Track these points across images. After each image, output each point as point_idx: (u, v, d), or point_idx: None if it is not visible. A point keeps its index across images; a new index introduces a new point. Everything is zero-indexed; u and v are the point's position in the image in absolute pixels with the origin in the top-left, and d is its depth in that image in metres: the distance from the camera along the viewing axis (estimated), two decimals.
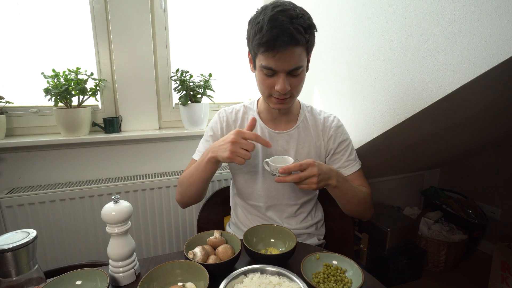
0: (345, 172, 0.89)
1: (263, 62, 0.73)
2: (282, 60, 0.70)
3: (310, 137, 0.91)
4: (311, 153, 0.90)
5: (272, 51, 0.69)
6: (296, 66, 0.72)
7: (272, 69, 0.73)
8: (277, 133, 0.90)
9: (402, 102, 1.00)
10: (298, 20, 0.68)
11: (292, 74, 0.74)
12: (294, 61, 0.71)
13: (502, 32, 0.70)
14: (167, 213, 1.32)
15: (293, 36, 0.66)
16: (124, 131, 1.31)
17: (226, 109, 0.96)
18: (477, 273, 1.74)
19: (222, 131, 0.91)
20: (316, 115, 0.94)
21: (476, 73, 0.77)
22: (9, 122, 1.15)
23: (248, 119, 0.92)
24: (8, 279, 0.46)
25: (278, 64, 0.71)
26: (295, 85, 0.77)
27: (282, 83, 0.73)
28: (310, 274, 0.61)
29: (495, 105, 1.12)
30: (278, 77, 0.74)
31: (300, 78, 0.77)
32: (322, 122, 0.93)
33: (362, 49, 1.11)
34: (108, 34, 1.23)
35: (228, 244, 0.67)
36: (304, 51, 0.73)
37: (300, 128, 0.91)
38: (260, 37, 0.68)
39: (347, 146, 0.92)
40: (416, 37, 0.91)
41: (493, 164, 1.91)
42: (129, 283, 0.61)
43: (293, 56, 0.70)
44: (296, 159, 0.87)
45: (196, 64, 1.44)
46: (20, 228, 0.76)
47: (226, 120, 0.92)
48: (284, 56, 0.70)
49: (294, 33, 0.66)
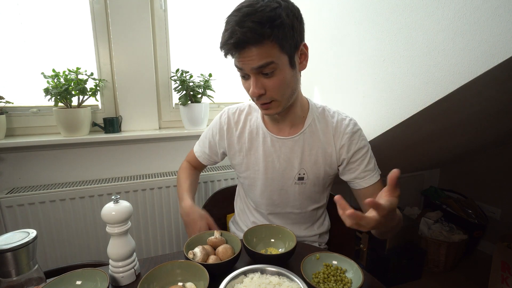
0: (361, 183, 0.79)
1: (234, 63, 0.69)
2: (242, 60, 0.65)
3: (319, 144, 0.81)
4: (319, 162, 0.81)
5: (231, 53, 0.66)
6: (261, 64, 0.64)
7: (239, 67, 0.68)
8: (280, 139, 0.81)
9: (402, 102, 1.00)
10: (252, 16, 0.61)
11: (264, 73, 0.66)
12: (257, 59, 0.63)
13: (502, 32, 0.70)
14: (167, 213, 1.32)
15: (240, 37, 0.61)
16: (124, 131, 1.31)
17: (230, 108, 0.90)
18: (477, 273, 1.74)
19: (222, 134, 0.89)
20: (328, 117, 0.82)
21: (476, 73, 0.77)
22: (9, 122, 1.15)
23: (251, 121, 0.86)
24: (8, 279, 0.46)
25: (241, 64, 0.66)
26: (271, 87, 0.67)
27: (252, 86, 0.67)
28: (310, 274, 0.61)
29: (495, 105, 1.12)
30: (250, 79, 0.68)
31: (276, 78, 0.66)
32: (335, 126, 0.81)
33: (362, 49, 1.11)
34: (108, 34, 1.23)
35: (228, 244, 0.67)
36: (274, 46, 0.63)
37: (306, 133, 0.81)
38: (221, 40, 0.66)
39: (364, 154, 0.80)
40: (416, 37, 0.91)
41: (493, 164, 1.91)
42: (129, 283, 0.61)
43: (254, 54, 0.63)
44: (302, 167, 0.81)
45: (196, 64, 1.44)
46: (20, 228, 0.76)
47: (227, 123, 0.88)
48: (243, 56, 0.64)
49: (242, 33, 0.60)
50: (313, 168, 0.81)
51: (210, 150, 0.94)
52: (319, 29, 1.31)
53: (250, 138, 0.85)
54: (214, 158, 0.96)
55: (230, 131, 0.87)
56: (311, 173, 0.82)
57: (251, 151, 0.85)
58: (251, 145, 0.85)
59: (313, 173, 0.82)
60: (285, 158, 0.82)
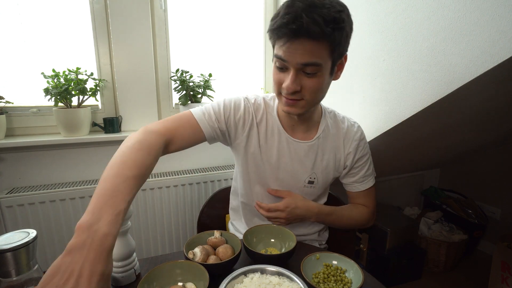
0: (359, 187, 0.86)
1: (276, 52, 0.65)
2: (291, 51, 0.61)
3: (330, 149, 0.83)
4: (329, 166, 0.83)
5: (281, 39, 0.61)
6: (308, 61, 0.62)
7: (282, 59, 0.64)
8: (296, 141, 0.80)
9: (402, 102, 1.00)
10: (319, 10, 0.58)
11: (305, 72, 0.64)
12: (307, 56, 0.61)
13: (502, 32, 0.70)
14: (167, 213, 1.32)
15: (304, 25, 0.57)
16: (124, 131, 1.31)
17: (249, 99, 0.82)
18: (477, 273, 1.74)
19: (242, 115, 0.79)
20: (339, 123, 0.84)
21: (476, 73, 0.77)
22: (9, 122, 1.15)
23: (267, 121, 0.80)
24: (8, 279, 0.46)
25: (287, 55, 0.62)
26: (308, 87, 0.66)
27: (290, 79, 0.64)
28: (310, 274, 0.61)
29: (495, 105, 1.12)
30: (288, 73, 0.65)
31: (316, 80, 0.65)
32: (345, 132, 0.83)
33: (362, 49, 1.11)
34: (108, 34, 1.23)
35: (228, 244, 0.67)
36: (326, 48, 0.62)
37: (321, 139, 0.81)
38: (273, 23, 0.62)
39: (365, 161, 0.85)
40: (416, 37, 0.91)
41: (493, 164, 1.91)
42: (129, 283, 0.61)
43: (306, 49, 0.60)
44: (313, 172, 0.82)
45: (196, 64, 1.44)
46: (20, 228, 0.76)
47: (252, 111, 0.80)
48: (294, 47, 0.61)
49: (307, 22, 0.57)
50: (323, 172, 0.83)
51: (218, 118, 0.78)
52: None
53: (265, 132, 0.81)
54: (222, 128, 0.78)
55: (250, 118, 0.80)
56: (321, 177, 0.84)
57: (266, 144, 0.81)
58: (266, 139, 0.81)
59: (322, 178, 0.84)
60: (298, 161, 0.81)
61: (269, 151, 0.81)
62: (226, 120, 0.78)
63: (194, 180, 1.35)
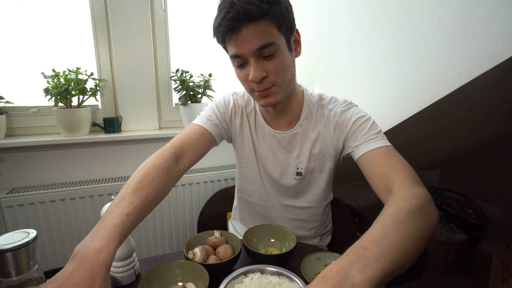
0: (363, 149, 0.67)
1: (230, 52, 0.65)
2: (242, 42, 0.60)
3: (316, 134, 0.77)
4: (320, 153, 0.78)
5: (229, 35, 0.60)
6: (262, 43, 0.60)
7: (237, 55, 0.63)
8: (278, 133, 0.79)
9: (402, 102, 1.00)
10: None
11: (264, 56, 0.62)
12: (258, 39, 0.59)
13: (502, 32, 0.70)
14: (167, 213, 1.32)
15: (240, 9, 0.56)
16: (124, 131, 1.31)
17: (238, 93, 0.84)
18: (477, 273, 1.74)
19: (232, 113, 0.81)
20: (325, 105, 0.78)
21: (476, 73, 0.77)
22: (9, 122, 1.15)
23: (255, 115, 0.81)
24: (8, 279, 0.46)
25: (240, 47, 0.61)
26: (272, 69, 0.63)
27: (253, 69, 0.62)
28: (310, 274, 0.61)
29: (494, 105, 1.12)
30: (249, 65, 0.64)
31: (277, 60, 0.63)
32: (328, 112, 0.77)
33: (362, 49, 1.11)
34: (108, 34, 1.23)
35: (228, 244, 0.67)
36: (273, 25, 0.60)
37: (304, 126, 0.78)
38: (214, 24, 0.62)
39: (364, 122, 0.71)
40: (416, 37, 0.91)
41: (493, 164, 1.91)
42: (129, 283, 0.61)
43: (255, 33, 0.59)
44: (300, 161, 0.79)
45: (196, 64, 1.44)
46: (20, 228, 0.76)
47: (241, 104, 0.81)
48: (244, 36, 0.59)
49: (243, 6, 0.56)
50: (312, 161, 0.79)
51: (218, 117, 0.80)
52: (318, 29, 1.31)
53: (254, 125, 0.82)
54: (224, 125, 0.80)
55: (238, 114, 0.82)
56: (311, 166, 0.79)
57: (257, 137, 0.82)
58: (256, 132, 0.82)
59: (312, 167, 0.80)
60: (282, 153, 0.80)
61: (258, 143, 0.82)
62: (223, 115, 0.80)
63: (194, 180, 1.35)
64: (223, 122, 0.80)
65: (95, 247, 0.42)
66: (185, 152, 0.70)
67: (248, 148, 0.82)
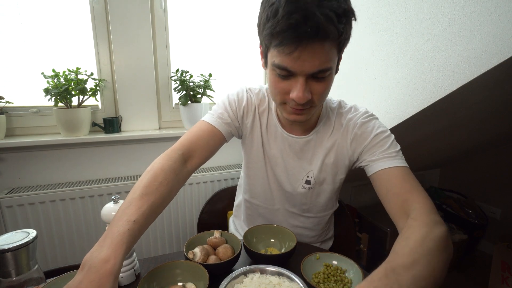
0: (380, 164, 0.65)
1: (276, 59, 0.54)
2: (302, 60, 0.51)
3: (332, 143, 0.73)
4: (333, 163, 0.74)
5: (290, 46, 0.50)
6: (322, 68, 0.53)
7: (287, 69, 0.54)
8: (291, 136, 0.74)
9: (402, 102, 1.00)
10: (329, 3, 0.47)
11: (315, 77, 0.55)
12: (320, 61, 0.52)
13: (502, 32, 0.70)
14: (167, 213, 1.32)
15: (320, 25, 0.47)
16: (124, 131, 1.31)
17: (252, 89, 0.79)
18: (477, 273, 1.74)
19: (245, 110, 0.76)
20: (344, 113, 0.74)
21: (476, 73, 0.77)
22: (9, 122, 1.15)
23: (268, 114, 0.76)
24: (8, 279, 0.46)
25: (297, 65, 0.52)
26: (318, 92, 0.57)
27: (300, 90, 0.55)
28: (310, 274, 0.61)
29: (495, 105, 1.12)
30: (295, 80, 0.55)
31: (326, 83, 0.57)
32: (346, 121, 0.73)
33: (362, 49, 1.11)
34: (108, 34, 1.23)
35: (228, 244, 0.67)
36: (335, 48, 0.53)
37: (320, 132, 0.74)
38: (274, 24, 0.50)
39: (385, 138, 0.68)
40: (416, 37, 0.91)
41: (493, 164, 1.91)
42: (129, 283, 0.61)
43: (319, 55, 0.51)
44: (311, 170, 0.76)
45: (196, 64, 1.44)
46: (20, 228, 0.76)
47: (254, 102, 0.76)
48: (306, 54, 0.50)
49: (322, 21, 0.46)
50: (324, 171, 0.76)
51: (229, 115, 0.76)
52: None
53: (266, 124, 0.77)
54: (236, 124, 0.76)
55: (248, 112, 0.77)
56: (322, 176, 0.76)
57: (268, 137, 0.78)
58: (267, 132, 0.78)
59: (323, 177, 0.76)
60: (293, 158, 0.76)
61: (268, 145, 0.78)
62: (235, 113, 0.76)
63: (194, 180, 1.35)
64: (234, 121, 0.75)
65: (102, 256, 0.42)
66: (194, 153, 0.68)
67: (257, 148, 0.78)
